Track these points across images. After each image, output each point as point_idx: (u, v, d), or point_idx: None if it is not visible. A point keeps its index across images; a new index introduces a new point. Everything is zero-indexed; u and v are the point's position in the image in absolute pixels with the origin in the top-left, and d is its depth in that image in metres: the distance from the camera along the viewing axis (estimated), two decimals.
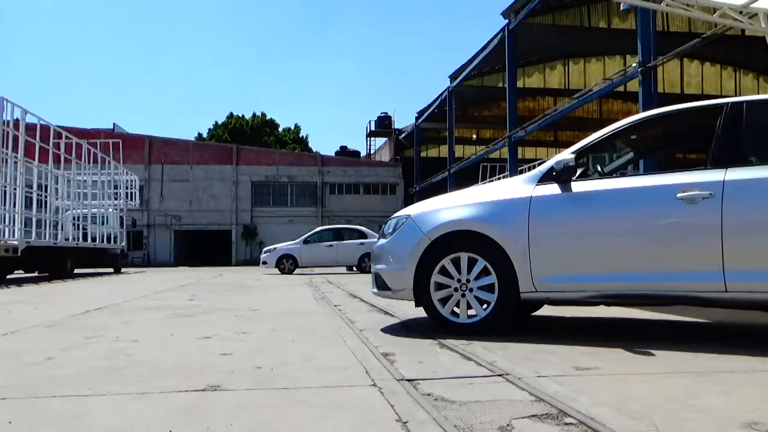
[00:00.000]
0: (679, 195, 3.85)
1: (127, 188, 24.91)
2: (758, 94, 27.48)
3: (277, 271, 19.47)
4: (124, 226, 23.97)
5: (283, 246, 20.22)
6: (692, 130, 4.96)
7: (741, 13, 8.70)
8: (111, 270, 21.86)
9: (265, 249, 20.93)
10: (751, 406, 2.38)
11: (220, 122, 57.42)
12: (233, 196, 40.96)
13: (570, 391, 2.63)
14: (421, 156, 40.06)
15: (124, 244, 23.36)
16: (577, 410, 2.33)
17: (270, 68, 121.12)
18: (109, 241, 21.35)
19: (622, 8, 20.19)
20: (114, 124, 42.22)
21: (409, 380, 2.90)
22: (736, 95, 27.69)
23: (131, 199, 25.82)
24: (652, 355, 3.49)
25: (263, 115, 58.62)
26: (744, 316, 5.35)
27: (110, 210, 22.44)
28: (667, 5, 8.60)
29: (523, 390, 2.68)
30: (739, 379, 2.90)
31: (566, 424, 2.19)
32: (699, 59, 33.68)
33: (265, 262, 19.94)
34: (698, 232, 3.81)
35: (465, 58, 31.14)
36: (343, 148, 50.95)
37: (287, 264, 19.46)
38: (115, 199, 23.49)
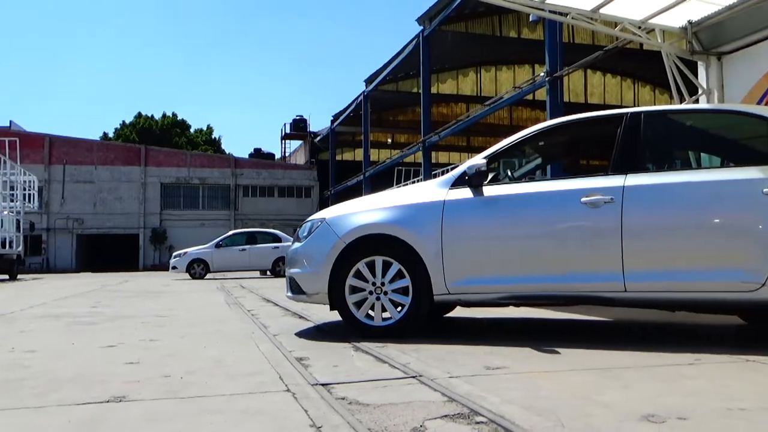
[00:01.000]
0: (583, 199, 4.03)
1: (24, 189, 23.51)
2: (654, 105, 29.20)
3: (187, 276, 18.92)
4: (21, 230, 22.58)
5: (194, 250, 19.66)
6: (595, 137, 5.20)
7: (640, 28, 9.22)
8: (6, 277, 20.54)
9: (174, 253, 20.29)
10: (649, 400, 2.52)
11: (127, 122, 55.20)
12: (141, 199, 39.48)
13: (481, 391, 2.69)
14: (336, 159, 40.02)
15: (20, 249, 22.01)
16: (488, 409, 2.39)
17: (181, 67, 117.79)
18: (3, 246, 20.05)
19: (531, 19, 20.97)
20: (10, 121, 39.83)
21: (323, 384, 2.88)
22: (634, 106, 29.24)
23: (29, 201, 24.40)
24: (558, 353, 3.63)
25: (174, 115, 56.82)
26: (642, 314, 5.66)
27: (5, 213, 21.10)
28: (572, 18, 8.99)
29: (435, 391, 2.72)
30: (638, 374, 3.05)
31: (477, 422, 2.24)
32: (601, 71, 35.42)
33: (174, 267, 19.33)
34: (600, 235, 4.00)
35: (381, 63, 31.43)
36: (258, 151, 50.19)
37: (198, 269, 18.95)
38: (11, 201, 22.11)
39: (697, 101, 9.45)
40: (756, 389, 2.71)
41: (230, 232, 21.60)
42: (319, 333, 4.82)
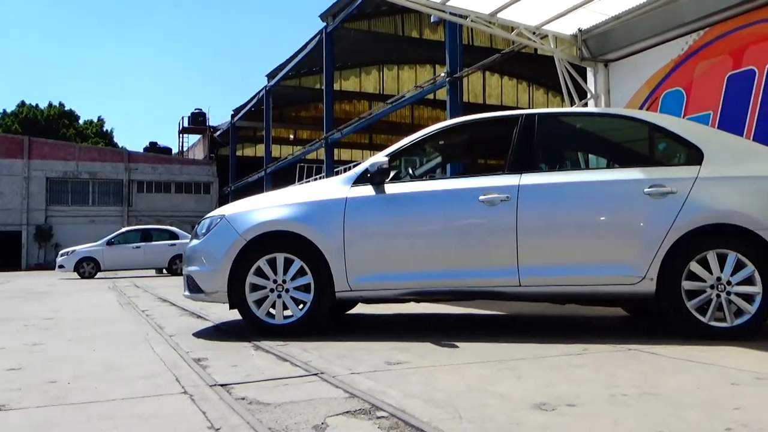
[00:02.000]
0: (481, 198, 4.16)
1: None
2: (548, 107, 30.56)
3: (76, 275, 17.91)
4: None
5: (83, 248, 18.63)
6: (493, 137, 5.37)
7: (534, 33, 9.61)
8: None
9: (61, 252, 19.16)
10: (541, 389, 2.63)
11: (9, 111, 51.45)
12: (24, 194, 36.93)
13: (382, 386, 2.71)
14: (237, 155, 39.16)
15: None
16: (389, 404, 2.42)
17: (69, 55, 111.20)
18: None
19: (432, 21, 21.36)
20: None
21: (222, 385, 2.81)
22: (530, 108, 30.49)
23: None
24: (457, 347, 3.73)
25: (61, 105, 53.53)
26: (535, 307, 5.92)
27: None
28: (472, 21, 9.24)
29: (337, 388, 2.72)
30: (531, 364, 3.19)
31: (378, 417, 2.26)
32: (499, 73, 36.65)
33: (62, 266, 18.24)
34: (497, 232, 4.15)
35: (283, 58, 31.02)
36: (153, 145, 48.20)
37: (88, 268, 17.97)
38: None
39: (586, 105, 9.98)
40: (637, 376, 2.89)
41: (123, 229, 20.66)
42: (218, 333, 4.70)
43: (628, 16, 9.14)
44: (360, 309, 5.69)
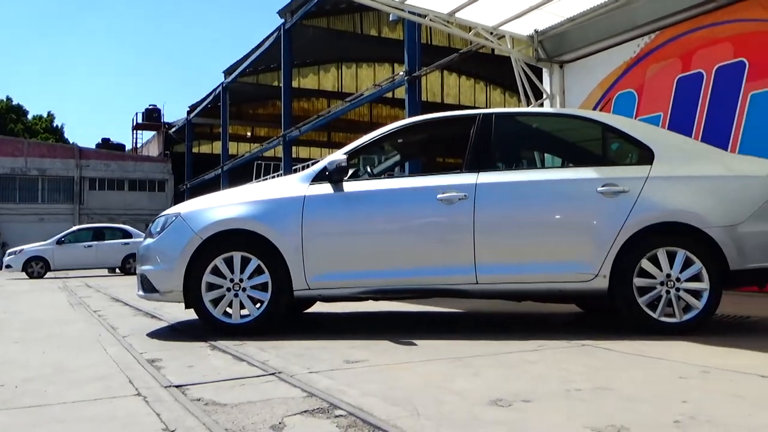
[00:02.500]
0: (439, 196, 4.19)
1: None
2: (505, 107, 30.95)
3: (24, 275, 17.37)
4: None
5: (31, 247, 18.07)
6: (451, 136, 5.41)
7: (492, 34, 9.72)
8: None
9: (9, 251, 18.56)
10: (497, 385, 2.67)
11: None
12: None
13: (340, 385, 2.71)
14: (193, 152, 38.48)
15: None
16: (347, 402, 2.41)
17: (16, 48, 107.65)
18: None
19: (390, 19, 21.40)
20: None
21: (177, 386, 2.76)
22: (487, 107, 30.78)
23: None
24: (415, 345, 3.74)
25: (8, 99, 51.74)
26: (492, 305, 5.99)
27: None
28: (430, 20, 9.29)
29: (295, 387, 2.71)
30: (487, 361, 3.23)
31: (336, 416, 2.25)
32: (457, 72, 36.94)
33: (9, 266, 17.66)
34: (455, 230, 4.18)
35: (241, 54, 30.65)
36: (106, 141, 47.03)
37: (37, 267, 17.45)
38: None
39: (542, 105, 10.15)
40: (590, 371, 2.96)
41: (74, 228, 20.10)
42: (173, 333, 4.62)
43: (582, 18, 9.32)
44: (318, 307, 5.66)
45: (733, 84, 7.66)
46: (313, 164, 5.15)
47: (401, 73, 16.42)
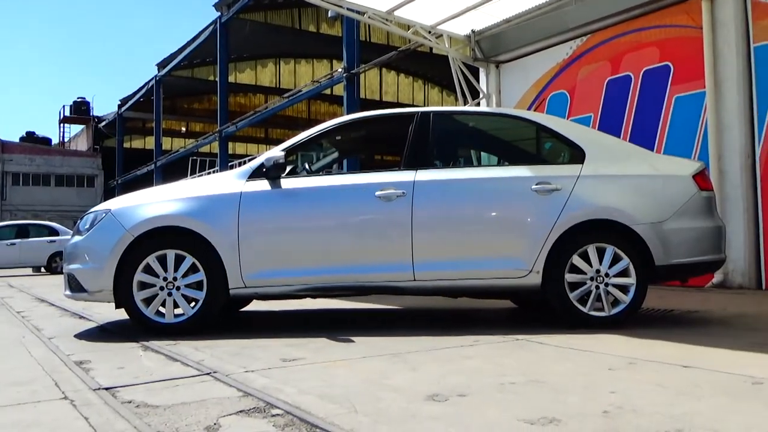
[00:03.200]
0: (377, 193, 4.20)
1: None
2: (442, 105, 31.31)
3: None
4: None
5: None
6: (389, 134, 5.43)
7: (430, 32, 9.82)
8: None
9: None
10: (434, 381, 2.70)
11: None
12: None
13: (277, 384, 2.68)
14: (124, 147, 37.30)
15: None
16: (284, 401, 2.39)
17: None
18: None
19: (329, 15, 21.32)
20: None
21: (106, 389, 2.67)
22: (425, 105, 30.98)
23: None
24: (353, 341, 3.74)
25: None
26: (429, 301, 6.05)
27: None
28: (369, 17, 9.30)
29: (231, 387, 2.66)
30: (424, 357, 3.26)
31: (273, 415, 2.23)
32: (396, 70, 37.15)
33: None
34: (393, 228, 4.20)
35: (175, 47, 29.86)
36: (31, 134, 44.98)
37: None
38: None
39: (478, 104, 10.31)
40: (524, 365, 3.03)
41: None
42: (103, 334, 4.47)
43: (517, 19, 9.52)
44: (255, 306, 5.59)
45: (659, 87, 7.99)
46: (250, 161, 5.07)
47: (340, 69, 16.38)
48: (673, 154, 6.90)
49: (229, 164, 22.41)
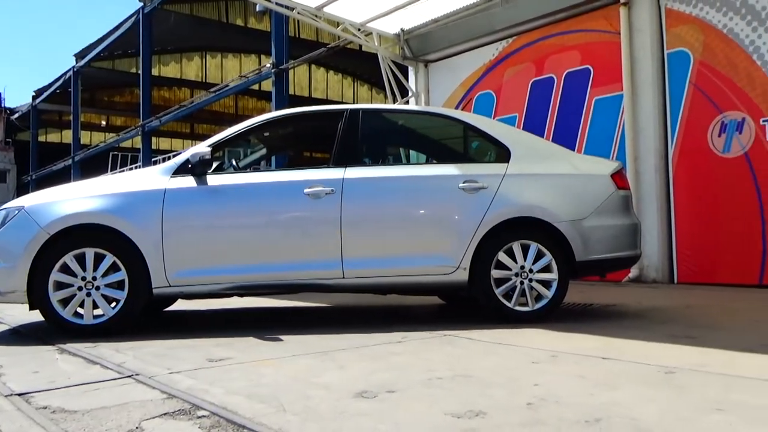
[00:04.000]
0: (306, 190, 4.17)
1: None
2: (372, 103, 31.40)
3: None
4: None
5: None
6: (318, 131, 5.41)
7: (359, 30, 9.82)
8: None
9: None
10: (363, 378, 2.70)
11: None
12: None
13: (203, 384, 2.62)
14: (39, 141, 35.51)
15: None
16: (211, 402, 2.34)
17: None
18: None
19: (257, 10, 20.98)
20: None
21: (20, 394, 2.54)
22: (354, 103, 30.99)
23: None
24: (281, 340, 3.71)
25: None
26: (358, 299, 6.07)
27: None
28: (298, 13, 9.22)
29: (154, 389, 2.58)
30: (353, 354, 3.26)
31: (199, 417, 2.18)
32: (325, 67, 36.92)
33: None
34: (322, 225, 4.18)
35: (95, 37, 28.68)
36: None
37: None
38: None
39: (407, 102, 10.40)
40: (451, 360, 3.08)
41: None
42: (15, 337, 4.25)
43: (446, 20, 9.66)
44: (180, 305, 5.45)
45: (580, 89, 8.29)
46: (174, 156, 4.93)
47: (268, 65, 16.15)
48: (592, 154, 7.18)
49: (153, 160, 21.72)
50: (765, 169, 6.63)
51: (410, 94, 10.44)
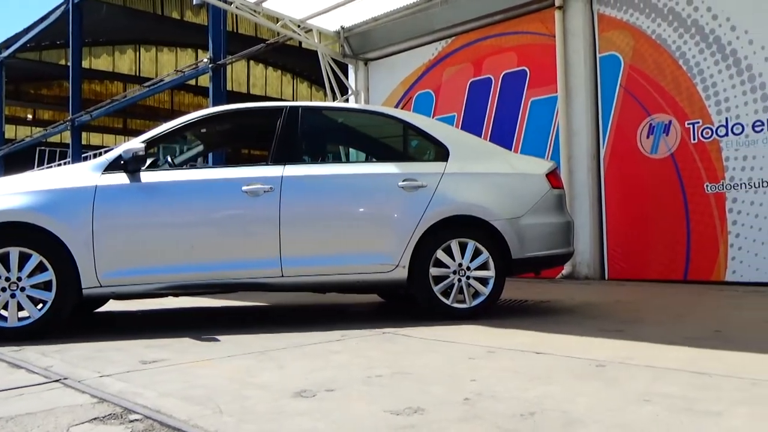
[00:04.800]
0: (244, 188, 4.11)
1: None
2: (311, 101, 31.24)
3: None
4: None
5: None
6: (257, 128, 5.34)
7: (299, 26, 9.74)
8: None
9: None
10: (302, 377, 2.68)
11: None
12: None
13: (136, 387, 2.55)
14: None
15: None
16: (143, 405, 2.27)
17: None
18: None
19: (194, 3, 20.50)
20: None
21: None
22: (293, 100, 30.71)
23: None
24: (218, 340, 3.64)
25: None
26: (298, 297, 6.02)
27: None
28: (236, 8, 9.07)
29: (84, 393, 2.49)
30: (292, 353, 3.23)
31: (131, 421, 2.11)
32: (264, 63, 36.46)
33: None
34: (260, 223, 4.13)
35: (21, 26, 27.42)
36: None
37: None
38: None
39: (347, 100, 10.39)
40: (390, 357, 3.09)
41: None
42: None
43: (386, 18, 9.69)
44: (112, 306, 5.27)
45: (517, 90, 8.48)
46: (106, 152, 4.77)
47: (205, 60, 15.83)
48: (529, 153, 7.35)
49: (83, 156, 20.96)
50: (690, 170, 6.95)
51: (350, 92, 10.43)
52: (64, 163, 21.73)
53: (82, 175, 4.05)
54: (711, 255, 6.76)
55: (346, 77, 10.45)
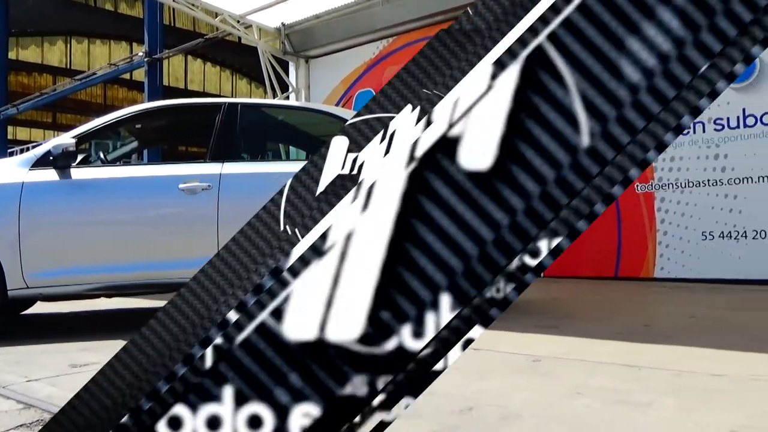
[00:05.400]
0: (181, 186, 4.02)
1: None
2: (251, 98, 30.81)
3: None
4: None
5: None
6: (195, 124, 5.23)
7: (239, 22, 9.59)
8: None
9: None
10: None
11: None
12: None
13: (66, 392, 2.45)
14: None
15: None
16: None
17: None
18: None
19: None
20: None
21: None
22: (233, 96, 30.28)
23: None
24: None
25: None
26: None
27: None
28: (174, 1, 8.86)
29: (9, 399, 2.39)
30: None
31: None
32: (202, 58, 35.73)
33: None
34: (198, 222, 4.05)
35: None
36: None
37: None
38: None
39: (287, 98, 10.30)
40: None
41: None
42: None
43: (327, 16, 9.66)
44: (41, 308, 5.07)
45: None
46: (34, 147, 4.59)
47: (140, 53, 15.41)
48: None
49: (9, 151, 20.05)
50: None
51: (290, 89, 10.34)
52: None
53: (8, 171, 3.88)
54: (640, 253, 7.03)
55: (287, 74, 10.36)
